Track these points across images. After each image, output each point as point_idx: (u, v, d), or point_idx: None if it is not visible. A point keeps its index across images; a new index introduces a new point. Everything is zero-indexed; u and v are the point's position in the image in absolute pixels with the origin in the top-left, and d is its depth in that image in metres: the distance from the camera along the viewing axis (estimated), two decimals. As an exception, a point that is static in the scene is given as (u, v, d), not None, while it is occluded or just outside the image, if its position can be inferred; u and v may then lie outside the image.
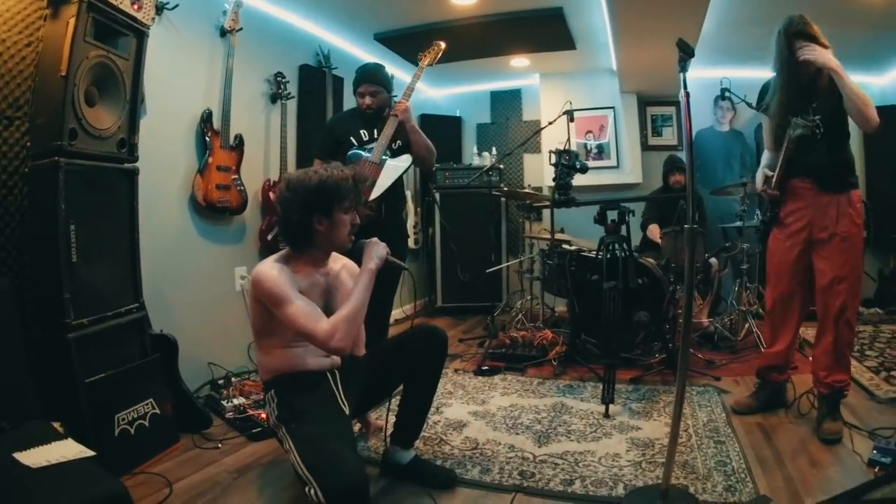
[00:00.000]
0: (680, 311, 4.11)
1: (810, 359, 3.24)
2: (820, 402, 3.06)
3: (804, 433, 2.99)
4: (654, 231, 5.26)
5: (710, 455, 2.77)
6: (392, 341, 2.69)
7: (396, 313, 6.00)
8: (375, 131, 3.64)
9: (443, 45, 3.89)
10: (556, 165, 3.83)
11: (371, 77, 3.72)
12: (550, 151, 3.99)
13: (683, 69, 2.32)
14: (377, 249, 2.42)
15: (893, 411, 3.17)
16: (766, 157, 3.31)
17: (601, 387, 3.53)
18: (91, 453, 1.96)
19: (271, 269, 2.26)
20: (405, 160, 3.63)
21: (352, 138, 3.68)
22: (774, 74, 3.10)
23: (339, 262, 2.56)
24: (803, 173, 3.00)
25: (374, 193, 3.44)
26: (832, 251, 2.95)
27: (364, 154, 3.57)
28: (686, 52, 2.32)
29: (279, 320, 2.26)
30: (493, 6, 4.67)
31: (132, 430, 2.65)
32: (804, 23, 2.91)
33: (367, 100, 3.67)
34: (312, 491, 1.93)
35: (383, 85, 3.73)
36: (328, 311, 2.36)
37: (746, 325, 4.85)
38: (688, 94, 2.30)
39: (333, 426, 2.18)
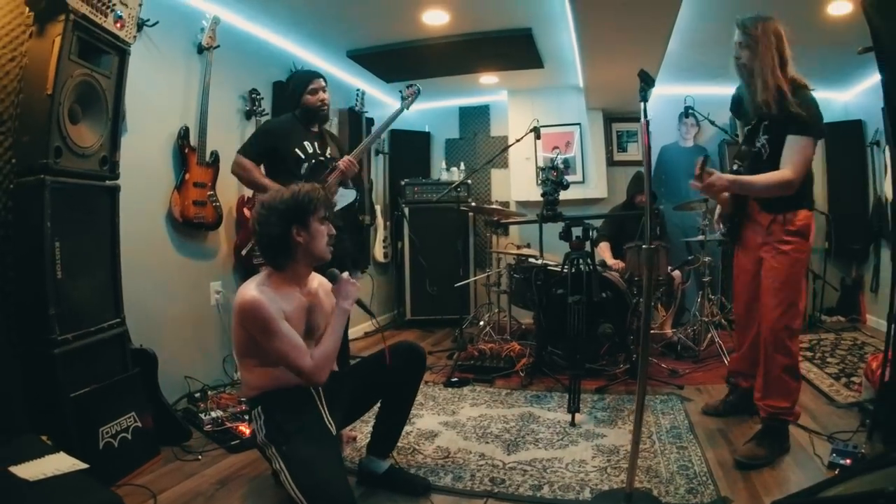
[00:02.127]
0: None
1: None
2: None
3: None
4: (602, 249, 5.38)
5: (672, 460, 2.89)
6: (372, 358, 2.76)
7: (365, 326, 6.07)
8: (317, 144, 3.65)
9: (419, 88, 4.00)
10: (544, 182, 3.89)
11: (320, 73, 3.76)
12: (538, 168, 4.04)
13: (644, 98, 2.40)
14: (352, 290, 2.52)
15: (852, 415, 3.29)
16: None
17: (567, 396, 3.64)
18: (84, 466, 2.01)
19: (258, 299, 2.26)
20: (350, 195, 3.69)
21: (297, 150, 3.60)
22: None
23: (315, 281, 2.62)
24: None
25: None
26: (770, 267, 2.89)
27: None
28: (646, 83, 2.41)
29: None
30: (464, 26, 4.77)
31: (116, 443, 2.68)
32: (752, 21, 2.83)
33: (322, 94, 3.65)
34: None
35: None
36: (310, 328, 2.46)
37: (709, 336, 4.96)
38: (647, 122, 2.38)
39: (323, 449, 2.28)
